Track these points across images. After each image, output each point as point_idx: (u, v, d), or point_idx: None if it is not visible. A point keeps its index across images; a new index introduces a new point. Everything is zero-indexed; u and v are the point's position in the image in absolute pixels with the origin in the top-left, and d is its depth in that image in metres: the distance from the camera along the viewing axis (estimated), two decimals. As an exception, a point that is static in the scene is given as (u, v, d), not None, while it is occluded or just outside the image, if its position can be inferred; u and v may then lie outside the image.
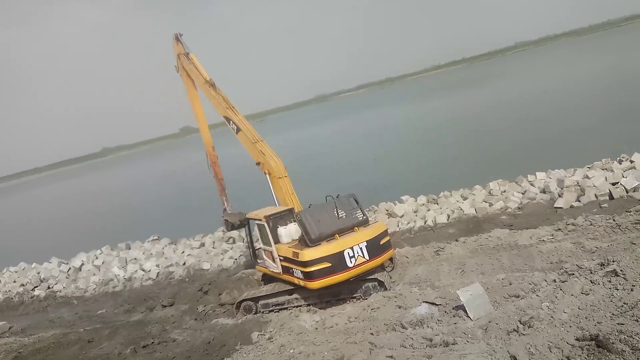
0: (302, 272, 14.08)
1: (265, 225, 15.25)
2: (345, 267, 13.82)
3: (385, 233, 14.82)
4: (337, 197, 15.34)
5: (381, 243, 14.51)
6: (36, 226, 60.58)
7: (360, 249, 14.00)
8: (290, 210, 15.46)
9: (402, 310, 12.73)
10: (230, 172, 16.37)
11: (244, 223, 17.61)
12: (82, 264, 26.17)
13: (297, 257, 14.07)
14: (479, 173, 25.80)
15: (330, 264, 13.73)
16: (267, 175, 16.28)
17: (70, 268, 26.00)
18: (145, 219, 43.07)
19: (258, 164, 16.68)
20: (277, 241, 15.19)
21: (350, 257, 13.88)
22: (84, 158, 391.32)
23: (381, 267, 15.33)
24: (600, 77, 59.77)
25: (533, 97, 59.24)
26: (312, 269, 13.77)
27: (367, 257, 14.09)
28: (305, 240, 14.16)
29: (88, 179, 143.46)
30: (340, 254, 13.80)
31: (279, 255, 15.00)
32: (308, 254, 13.88)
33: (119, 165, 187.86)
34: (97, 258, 26.54)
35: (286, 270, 14.80)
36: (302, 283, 14.18)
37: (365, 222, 14.92)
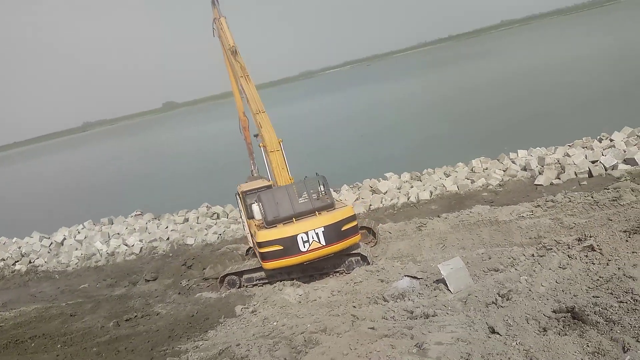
0: (258, 251, 14.28)
1: (240, 200, 15.26)
2: (297, 252, 13.77)
3: (350, 219, 14.25)
4: (305, 178, 15.17)
5: (343, 229, 14.02)
6: (17, 201, 59.67)
7: (317, 234, 13.75)
8: (268, 187, 15.29)
9: (384, 283, 12.92)
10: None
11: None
12: (64, 239, 25.94)
13: (254, 237, 14.22)
14: (462, 150, 26.02)
15: (282, 247, 13.76)
16: (262, 148, 16.11)
17: (52, 243, 25.76)
18: (128, 194, 42.71)
19: (256, 135, 16.48)
20: (250, 217, 15.23)
21: (304, 242, 13.72)
22: (65, 132, 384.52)
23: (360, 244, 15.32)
24: (583, 57, 60.18)
25: (518, 75, 59.52)
26: (265, 250, 13.92)
27: (323, 242, 13.82)
28: (263, 222, 14.22)
29: (69, 154, 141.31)
30: (293, 238, 13.71)
31: (249, 231, 15.05)
32: (262, 235, 14.00)
33: (100, 140, 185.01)
34: (79, 233, 26.33)
35: (254, 246, 14.94)
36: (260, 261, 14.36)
37: (330, 206, 14.41)
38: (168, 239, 23.19)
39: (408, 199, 20.68)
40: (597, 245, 11.26)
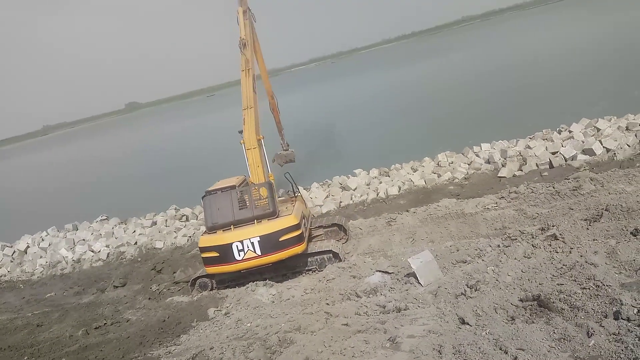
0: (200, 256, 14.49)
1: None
2: (232, 260, 13.88)
3: (290, 229, 14.01)
4: (243, 184, 15.26)
5: (281, 239, 13.88)
6: (-27, 209, 57.38)
7: (252, 243, 13.78)
8: (231, 187, 15.23)
9: (356, 280, 13.05)
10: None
11: (291, 160, 22.12)
12: (28, 247, 25.14)
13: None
14: (428, 145, 26.40)
15: (219, 254, 13.88)
16: (242, 145, 15.99)
17: (14, 251, 24.91)
18: (93, 198, 41.63)
19: (240, 132, 16.40)
20: None
21: (239, 251, 13.77)
22: (25, 136, 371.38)
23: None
24: (541, 51, 61.85)
25: (479, 70, 60.72)
26: (205, 255, 14.08)
27: (258, 252, 13.82)
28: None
29: (30, 158, 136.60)
30: (228, 246, 13.80)
31: None
32: (203, 240, 14.22)
33: (62, 143, 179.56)
34: (43, 240, 25.55)
35: None
36: None
37: (271, 215, 14.33)
38: (136, 243, 22.77)
39: (377, 194, 20.91)
40: (560, 234, 11.65)
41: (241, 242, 13.78)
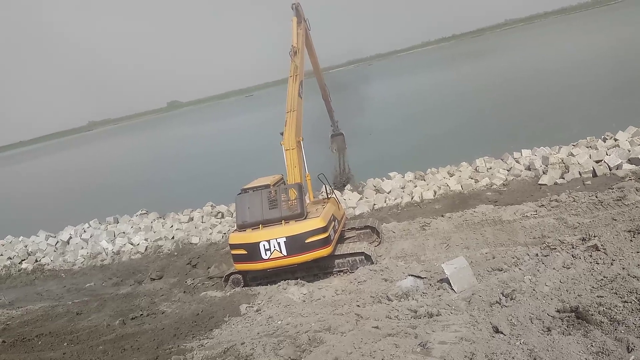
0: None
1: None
2: (259, 258, 14.11)
3: (317, 232, 14.08)
4: (278, 185, 15.46)
5: (307, 241, 13.98)
6: (23, 199, 59.97)
7: (278, 243, 13.96)
8: (264, 187, 15.39)
9: (388, 283, 12.98)
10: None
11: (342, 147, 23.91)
12: (70, 238, 26.10)
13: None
14: (466, 150, 25.96)
15: (246, 252, 14.19)
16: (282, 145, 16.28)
17: (58, 241, 25.91)
18: (134, 193, 42.85)
19: (282, 133, 16.69)
20: None
21: (266, 250, 13.98)
22: (71, 131, 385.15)
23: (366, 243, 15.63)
24: (589, 56, 59.94)
25: (522, 74, 59.34)
26: (234, 252, 14.48)
27: (284, 253, 13.98)
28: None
29: (76, 153, 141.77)
30: (256, 244, 14.06)
31: None
32: (232, 237, 14.61)
33: (106, 138, 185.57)
34: (85, 231, 26.46)
35: None
36: None
37: (299, 216, 14.49)
38: (173, 237, 23.30)
39: (412, 198, 20.72)
40: (601, 245, 11.25)
41: (268, 241, 14.01)
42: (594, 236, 11.97)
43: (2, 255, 26.12)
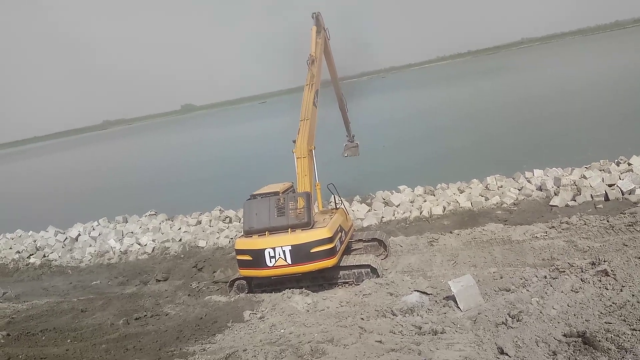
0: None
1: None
2: (264, 265, 14.13)
3: (322, 242, 14.01)
4: (288, 192, 15.47)
5: (312, 251, 13.92)
6: (34, 195, 60.55)
7: (283, 251, 13.94)
8: (273, 194, 15.40)
9: (393, 297, 12.91)
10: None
11: (355, 154, 23.60)
12: (79, 235, 26.30)
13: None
14: (477, 167, 25.88)
15: (252, 258, 14.23)
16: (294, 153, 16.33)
17: (66, 238, 26.11)
18: (144, 193, 43.13)
19: (294, 140, 16.75)
20: None
21: (271, 257, 13.98)
22: (85, 129, 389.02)
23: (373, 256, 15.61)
24: (605, 78, 59.60)
25: (537, 93, 59.08)
26: (239, 257, 14.54)
27: (289, 261, 13.96)
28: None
29: (88, 151, 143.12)
30: (261, 251, 14.07)
31: None
32: (239, 243, 14.70)
33: (119, 138, 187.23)
34: (93, 229, 26.65)
35: None
36: None
37: (305, 225, 14.41)
38: (180, 240, 23.39)
39: (420, 213, 20.64)
40: (611, 271, 11.12)
41: (273, 249, 14.03)
42: (604, 261, 11.83)
43: (11, 248, 26.40)
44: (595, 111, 39.15)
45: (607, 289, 10.47)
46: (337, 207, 16.70)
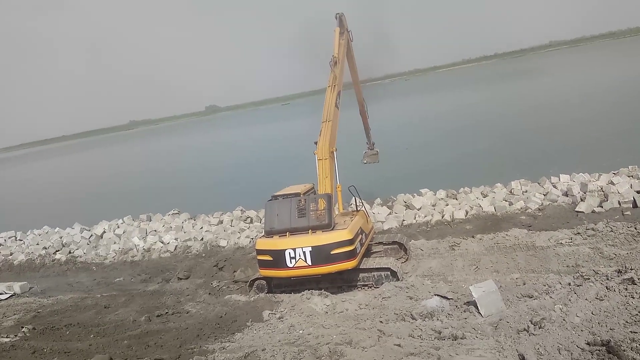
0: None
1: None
2: (284, 266, 14.16)
3: (343, 244, 13.98)
4: (309, 194, 15.52)
5: (332, 253, 13.90)
6: (61, 192, 61.98)
7: (304, 252, 13.95)
8: (294, 195, 15.43)
9: (413, 301, 12.83)
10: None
11: (375, 161, 24.24)
12: (104, 232, 26.82)
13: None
14: (501, 171, 25.53)
15: (272, 258, 14.29)
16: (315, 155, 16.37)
17: (91, 235, 26.67)
18: (167, 192, 43.74)
19: (316, 142, 16.81)
20: None
21: (291, 258, 14.00)
22: (111, 129, 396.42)
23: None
24: (635, 82, 58.09)
25: (564, 97, 58.05)
26: (259, 257, 14.65)
27: (309, 262, 13.96)
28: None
29: (114, 150, 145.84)
30: (281, 252, 14.11)
31: None
32: (259, 243, 14.81)
33: (145, 138, 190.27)
34: (118, 227, 27.16)
35: None
36: None
37: (326, 227, 14.43)
38: (202, 239, 23.64)
39: (442, 216, 20.44)
40: (638, 279, 10.84)
41: (294, 249, 14.06)
42: (631, 269, 11.54)
43: (38, 244, 27.06)
44: (624, 116, 38.20)
45: (633, 298, 10.20)
46: (358, 209, 16.67)
